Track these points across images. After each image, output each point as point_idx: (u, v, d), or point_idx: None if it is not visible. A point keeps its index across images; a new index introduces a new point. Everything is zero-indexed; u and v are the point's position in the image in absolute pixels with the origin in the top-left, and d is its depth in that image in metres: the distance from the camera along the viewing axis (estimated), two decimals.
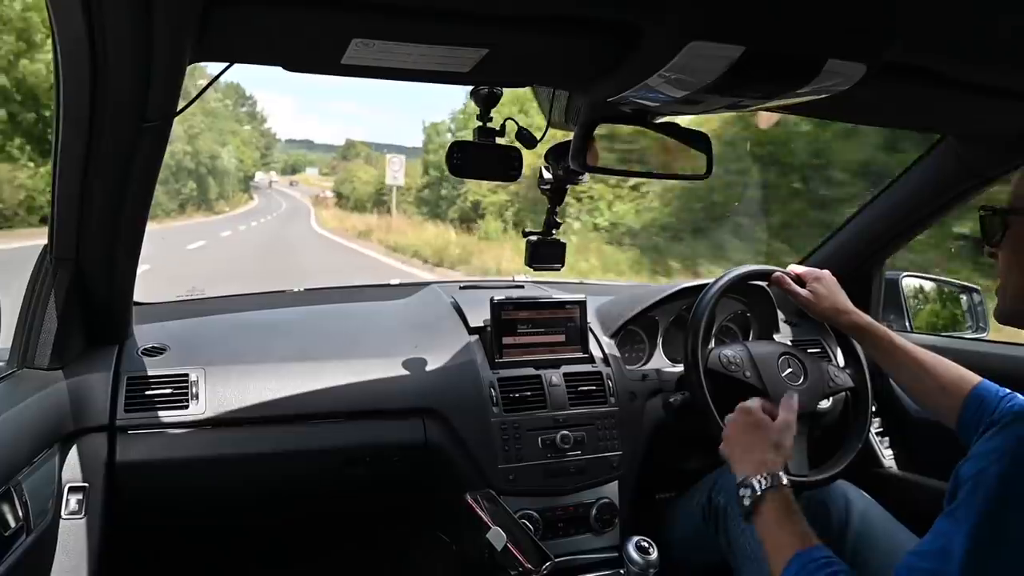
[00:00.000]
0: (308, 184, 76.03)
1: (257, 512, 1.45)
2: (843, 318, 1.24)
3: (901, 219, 1.56)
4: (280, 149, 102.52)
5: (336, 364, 1.35)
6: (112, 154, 0.92)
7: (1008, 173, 1.36)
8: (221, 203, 37.92)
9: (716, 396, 1.27)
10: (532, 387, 1.38)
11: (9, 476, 0.92)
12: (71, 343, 1.17)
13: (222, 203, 38.28)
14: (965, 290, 1.83)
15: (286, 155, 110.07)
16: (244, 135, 60.79)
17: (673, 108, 0.95)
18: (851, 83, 0.78)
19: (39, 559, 1.04)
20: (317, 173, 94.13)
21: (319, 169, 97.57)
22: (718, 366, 1.32)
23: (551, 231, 1.32)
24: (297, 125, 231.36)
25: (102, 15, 0.68)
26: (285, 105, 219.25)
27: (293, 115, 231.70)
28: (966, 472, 0.70)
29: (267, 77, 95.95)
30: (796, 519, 0.89)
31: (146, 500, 1.23)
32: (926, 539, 0.72)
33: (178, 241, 14.81)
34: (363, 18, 0.70)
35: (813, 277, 1.29)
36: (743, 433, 1.06)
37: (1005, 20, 0.74)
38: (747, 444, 1.04)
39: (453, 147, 1.08)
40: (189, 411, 1.21)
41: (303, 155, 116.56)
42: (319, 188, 64.34)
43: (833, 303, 1.25)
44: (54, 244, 1.08)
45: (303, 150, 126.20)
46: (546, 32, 0.74)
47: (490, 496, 1.11)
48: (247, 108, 73.14)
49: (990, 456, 0.68)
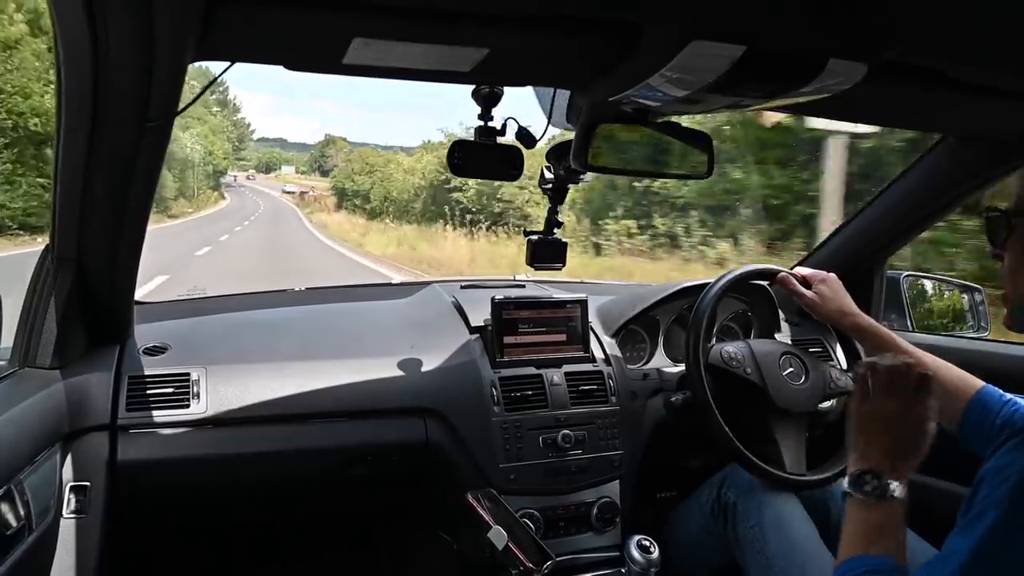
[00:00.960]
0: (286, 182, 72.19)
1: (258, 511, 1.45)
2: (847, 320, 1.24)
3: (901, 219, 1.56)
4: (252, 148, 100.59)
5: (337, 363, 1.35)
6: (114, 154, 0.92)
7: (1008, 174, 1.36)
8: (182, 203, 30.09)
9: (716, 392, 1.27)
10: (533, 386, 1.38)
11: (11, 475, 0.93)
12: (72, 343, 1.17)
13: (183, 203, 30.28)
14: (966, 289, 1.82)
15: (259, 152, 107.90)
16: (213, 123, 55.07)
17: (674, 108, 0.95)
18: (852, 83, 0.78)
19: (41, 558, 1.04)
20: (294, 171, 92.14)
21: (296, 167, 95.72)
22: (719, 361, 1.32)
23: (552, 230, 1.32)
24: (269, 123, 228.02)
25: (104, 14, 0.68)
26: (256, 103, 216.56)
27: (264, 113, 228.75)
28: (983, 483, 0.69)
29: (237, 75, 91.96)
30: (903, 534, 0.78)
31: (147, 499, 1.23)
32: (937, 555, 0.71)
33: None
34: (364, 18, 0.70)
35: (819, 279, 1.29)
36: (903, 424, 0.82)
37: (1005, 20, 0.74)
38: (892, 423, 0.82)
39: (454, 146, 1.09)
40: (190, 410, 1.21)
41: (278, 153, 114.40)
42: (297, 185, 60.77)
43: (839, 305, 1.25)
44: (56, 244, 1.09)
45: (277, 148, 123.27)
46: (547, 32, 0.74)
47: (491, 495, 1.11)
48: (217, 95, 66.10)
49: (1009, 470, 0.67)
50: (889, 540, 0.77)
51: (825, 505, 1.24)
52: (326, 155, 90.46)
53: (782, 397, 1.30)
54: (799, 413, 1.31)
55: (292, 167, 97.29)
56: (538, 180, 1.28)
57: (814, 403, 1.33)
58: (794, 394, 1.31)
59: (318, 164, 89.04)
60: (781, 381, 1.31)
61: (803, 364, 1.35)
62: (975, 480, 0.71)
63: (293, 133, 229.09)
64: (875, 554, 0.76)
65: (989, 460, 0.71)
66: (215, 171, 46.03)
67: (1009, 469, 0.66)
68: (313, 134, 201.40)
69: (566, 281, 1.87)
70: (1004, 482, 0.66)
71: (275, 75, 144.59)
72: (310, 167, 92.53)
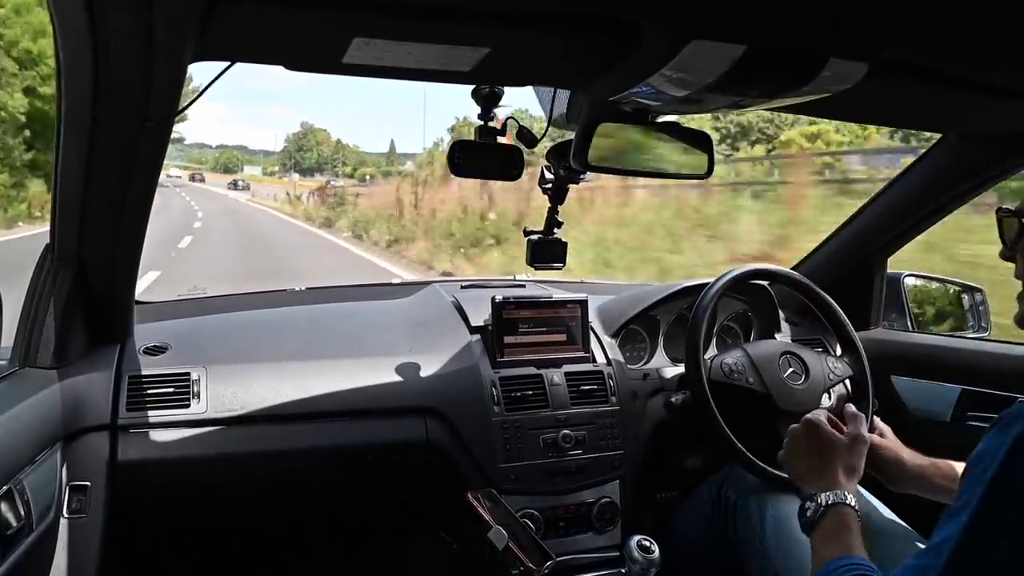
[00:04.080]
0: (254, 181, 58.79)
1: (258, 510, 1.45)
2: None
3: (901, 219, 1.56)
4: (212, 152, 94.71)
5: (337, 363, 1.35)
6: (114, 153, 0.92)
7: (1008, 173, 1.36)
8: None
9: (723, 407, 1.27)
10: (533, 386, 1.38)
11: (11, 475, 0.93)
12: (73, 342, 1.17)
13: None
14: (967, 289, 1.82)
15: (217, 152, 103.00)
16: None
17: (674, 107, 0.95)
18: (852, 82, 0.78)
19: (41, 558, 1.04)
20: (260, 172, 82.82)
21: (262, 168, 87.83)
22: (720, 376, 1.31)
23: (552, 230, 1.32)
24: (227, 131, 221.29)
25: (104, 14, 0.68)
26: (214, 111, 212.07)
27: (222, 122, 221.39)
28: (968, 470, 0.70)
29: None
30: (852, 534, 0.87)
31: (147, 499, 1.23)
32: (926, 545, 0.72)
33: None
34: (364, 17, 0.70)
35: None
36: (811, 453, 1.00)
37: (1005, 19, 0.74)
38: (817, 467, 0.98)
39: (454, 147, 1.09)
40: (190, 410, 1.21)
41: (238, 155, 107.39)
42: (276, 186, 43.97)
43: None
44: (56, 243, 1.09)
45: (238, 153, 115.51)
46: (547, 31, 0.74)
47: (491, 495, 1.11)
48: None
49: (987, 456, 0.68)
50: (851, 540, 0.85)
51: None
52: (304, 148, 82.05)
53: (786, 400, 1.30)
54: (805, 412, 1.31)
55: (257, 168, 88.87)
56: (538, 180, 1.28)
57: (817, 400, 1.33)
58: (797, 395, 1.31)
59: (293, 161, 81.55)
60: (783, 384, 1.31)
61: (802, 362, 1.35)
62: (963, 469, 0.72)
63: (254, 141, 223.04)
64: (843, 556, 0.82)
65: (978, 447, 0.72)
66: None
67: (990, 454, 0.67)
68: (275, 141, 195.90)
69: (566, 281, 1.87)
70: (986, 469, 0.67)
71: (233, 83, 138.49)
72: (282, 166, 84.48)
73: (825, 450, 0.99)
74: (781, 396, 1.30)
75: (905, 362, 1.60)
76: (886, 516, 1.23)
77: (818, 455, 0.99)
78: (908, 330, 1.72)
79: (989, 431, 0.69)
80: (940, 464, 1.12)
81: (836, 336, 1.43)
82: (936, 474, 1.12)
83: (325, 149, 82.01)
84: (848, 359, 1.39)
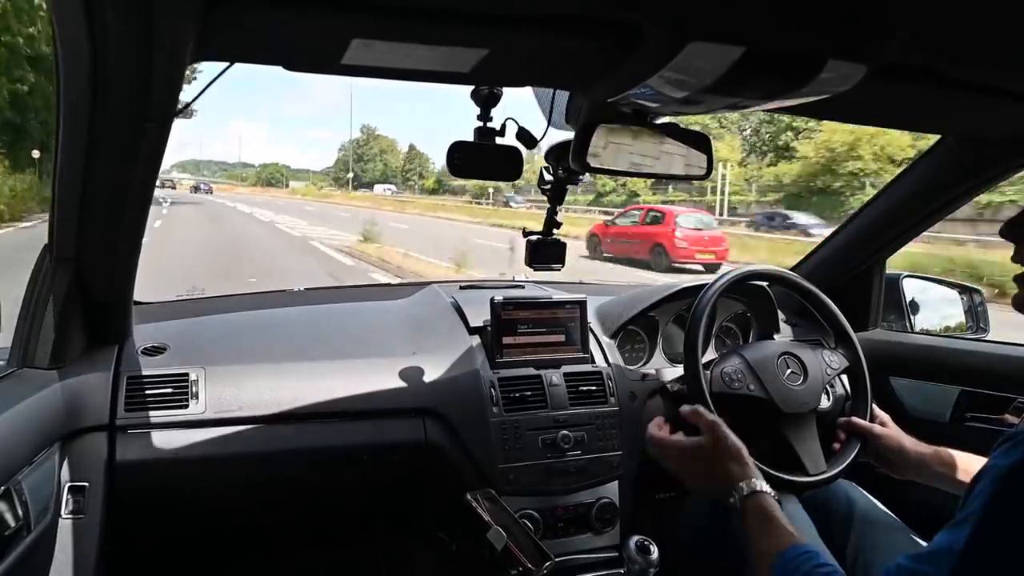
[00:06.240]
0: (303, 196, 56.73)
1: (257, 511, 1.45)
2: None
3: (901, 219, 1.56)
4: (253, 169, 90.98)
5: (336, 364, 1.35)
6: (113, 154, 0.92)
7: (1007, 174, 1.36)
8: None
9: (725, 416, 1.26)
10: (532, 387, 1.38)
11: (9, 475, 0.92)
12: (71, 343, 1.17)
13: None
14: (966, 291, 1.82)
15: (260, 168, 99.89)
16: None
17: (673, 108, 0.95)
18: (852, 84, 0.78)
19: (39, 558, 1.04)
20: (243, 184, 79.80)
21: (311, 183, 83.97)
22: (722, 387, 1.30)
23: (551, 231, 1.32)
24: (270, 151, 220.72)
25: (103, 14, 0.68)
26: (255, 134, 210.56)
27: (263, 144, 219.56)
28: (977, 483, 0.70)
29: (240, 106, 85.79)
30: (777, 523, 0.90)
31: (146, 499, 1.23)
32: (926, 546, 0.72)
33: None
34: (363, 18, 0.70)
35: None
36: (690, 468, 1.06)
37: (1006, 20, 0.74)
38: (703, 475, 1.03)
39: (453, 147, 1.09)
40: (189, 410, 1.21)
41: (282, 168, 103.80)
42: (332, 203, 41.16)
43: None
44: (54, 244, 1.09)
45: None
46: (546, 32, 0.74)
47: (490, 496, 1.11)
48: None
49: (997, 471, 0.68)
50: (784, 526, 0.89)
51: (826, 506, 1.24)
52: (364, 158, 71.49)
53: (788, 402, 1.29)
54: (807, 412, 1.31)
55: (303, 184, 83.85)
56: (537, 180, 1.28)
57: (817, 398, 1.33)
58: (798, 395, 1.31)
59: (352, 173, 70.87)
60: (784, 388, 1.30)
61: (799, 361, 1.34)
62: (972, 479, 0.72)
63: (296, 161, 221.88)
64: (790, 545, 0.85)
65: (990, 458, 0.72)
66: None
67: (996, 470, 0.67)
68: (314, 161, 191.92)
69: (565, 282, 1.87)
70: (992, 483, 0.67)
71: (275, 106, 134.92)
72: (335, 180, 76.54)
73: (698, 460, 1.04)
74: (782, 399, 1.29)
75: (904, 363, 1.60)
76: (876, 507, 1.23)
77: (697, 465, 1.04)
78: (907, 331, 1.72)
79: (998, 447, 0.69)
80: (941, 452, 1.15)
81: (830, 328, 1.42)
82: (937, 462, 1.14)
83: (391, 158, 73.01)
84: (843, 350, 1.38)
